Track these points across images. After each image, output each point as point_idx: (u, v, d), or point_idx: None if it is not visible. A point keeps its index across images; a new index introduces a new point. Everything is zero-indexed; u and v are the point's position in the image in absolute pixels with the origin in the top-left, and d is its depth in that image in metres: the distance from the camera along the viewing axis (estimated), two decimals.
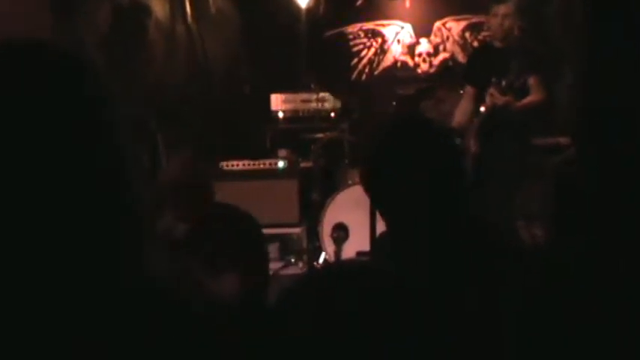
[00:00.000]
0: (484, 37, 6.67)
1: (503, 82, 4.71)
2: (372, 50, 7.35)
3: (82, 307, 0.87)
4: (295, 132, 6.47)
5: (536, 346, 1.50)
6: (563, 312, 1.49)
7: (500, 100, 4.75)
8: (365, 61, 7.37)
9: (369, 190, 1.68)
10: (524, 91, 4.75)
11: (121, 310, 0.89)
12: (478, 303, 1.48)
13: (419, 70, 7.24)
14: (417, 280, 1.48)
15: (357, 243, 5.05)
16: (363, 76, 7.35)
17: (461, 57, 7.14)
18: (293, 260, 5.75)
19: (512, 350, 1.48)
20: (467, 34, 7.17)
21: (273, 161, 6.04)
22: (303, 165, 6.16)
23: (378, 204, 1.67)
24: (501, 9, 4.88)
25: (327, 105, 6.54)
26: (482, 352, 1.46)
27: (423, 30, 7.24)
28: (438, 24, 7.22)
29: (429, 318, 1.41)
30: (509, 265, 1.59)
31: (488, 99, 4.81)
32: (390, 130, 1.73)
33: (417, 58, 7.27)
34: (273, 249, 5.51)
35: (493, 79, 4.75)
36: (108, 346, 0.87)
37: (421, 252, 1.55)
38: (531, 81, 4.75)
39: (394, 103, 6.14)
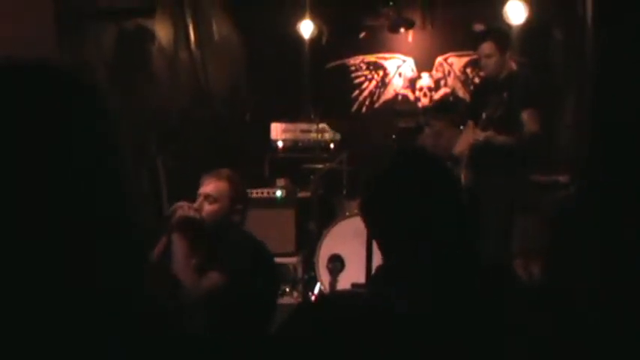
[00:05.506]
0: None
1: (483, 116, 4.73)
2: (374, 83, 7.39)
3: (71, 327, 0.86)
4: (294, 162, 6.47)
5: None
6: (561, 347, 1.48)
7: (481, 135, 4.76)
8: (366, 93, 7.41)
9: (366, 219, 1.68)
10: (509, 124, 4.73)
11: (116, 332, 0.88)
12: (478, 335, 1.47)
13: (419, 104, 7.27)
14: (416, 310, 1.47)
15: (353, 274, 5.03)
16: (364, 109, 7.39)
17: (462, 92, 7.18)
18: (288, 290, 5.72)
19: None
20: (468, 70, 7.21)
21: (271, 190, 6.04)
22: (301, 195, 6.16)
23: (375, 234, 1.66)
24: (483, 49, 4.92)
25: (326, 136, 6.56)
26: None
27: (424, 64, 7.30)
28: (439, 59, 7.27)
29: (428, 347, 1.39)
30: (508, 299, 1.58)
31: (470, 135, 4.84)
32: (390, 161, 1.74)
33: (417, 92, 7.31)
34: None
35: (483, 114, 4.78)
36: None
37: (420, 283, 1.54)
38: (524, 115, 4.74)
39: (394, 136, 6.16)
